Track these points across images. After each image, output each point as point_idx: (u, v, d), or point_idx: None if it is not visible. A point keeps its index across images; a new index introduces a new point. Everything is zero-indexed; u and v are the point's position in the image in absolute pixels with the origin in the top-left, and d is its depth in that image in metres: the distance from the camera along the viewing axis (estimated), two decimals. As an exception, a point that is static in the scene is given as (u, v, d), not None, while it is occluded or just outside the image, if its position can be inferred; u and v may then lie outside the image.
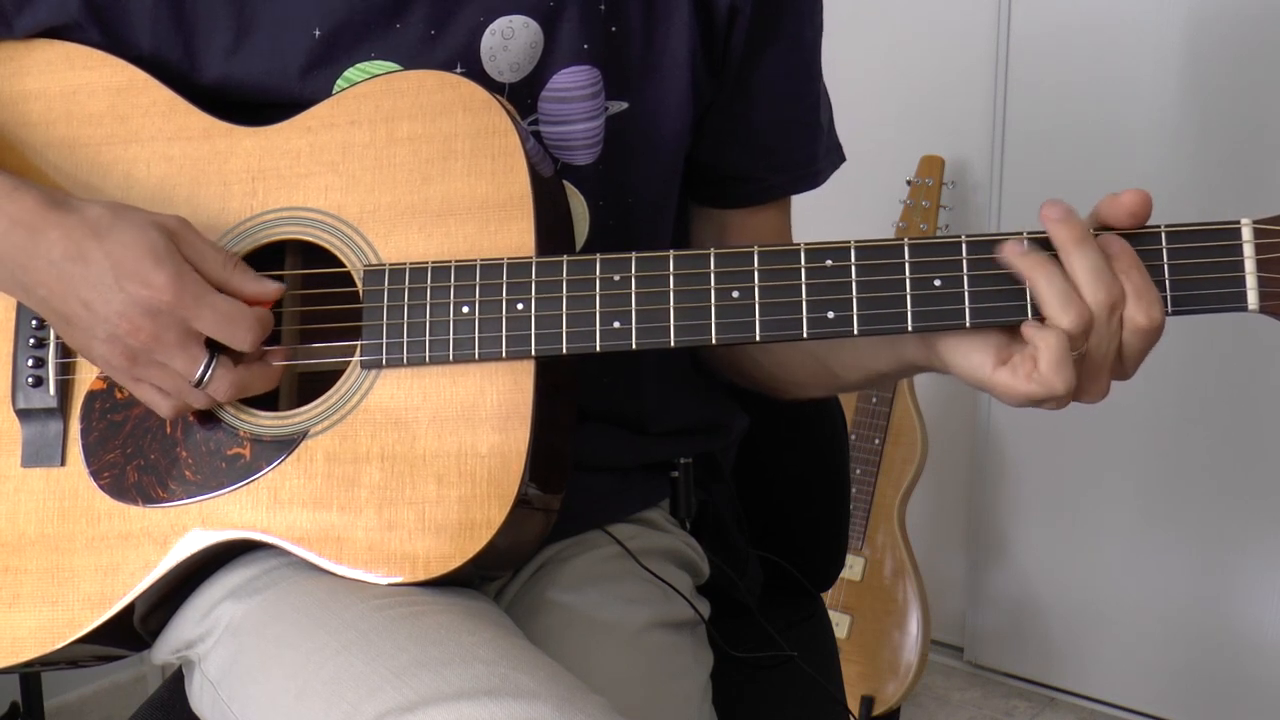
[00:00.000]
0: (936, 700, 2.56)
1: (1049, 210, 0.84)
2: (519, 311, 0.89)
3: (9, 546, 0.95)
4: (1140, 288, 0.83)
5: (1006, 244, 0.85)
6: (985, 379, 0.87)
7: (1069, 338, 0.83)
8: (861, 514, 2.34)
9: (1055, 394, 0.84)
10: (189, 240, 0.90)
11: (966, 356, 0.88)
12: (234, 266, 0.91)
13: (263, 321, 0.91)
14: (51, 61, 1.00)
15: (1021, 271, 0.84)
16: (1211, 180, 2.20)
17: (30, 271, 0.90)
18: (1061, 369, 0.83)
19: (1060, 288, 0.83)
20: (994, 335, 0.87)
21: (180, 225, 0.91)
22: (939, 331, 0.89)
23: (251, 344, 0.90)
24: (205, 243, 0.91)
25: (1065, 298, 0.82)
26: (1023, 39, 2.37)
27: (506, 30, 0.98)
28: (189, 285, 0.88)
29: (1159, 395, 2.29)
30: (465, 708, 0.76)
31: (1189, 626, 2.36)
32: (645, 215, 1.07)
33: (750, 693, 1.15)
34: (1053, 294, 0.83)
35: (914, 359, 0.94)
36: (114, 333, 0.88)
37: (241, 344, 0.89)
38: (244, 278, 0.91)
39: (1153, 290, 0.83)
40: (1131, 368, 0.86)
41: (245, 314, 0.89)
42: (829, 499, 1.37)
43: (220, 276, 0.90)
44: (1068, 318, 0.82)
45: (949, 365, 0.90)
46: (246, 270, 0.92)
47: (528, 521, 0.92)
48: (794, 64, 1.08)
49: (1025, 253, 0.84)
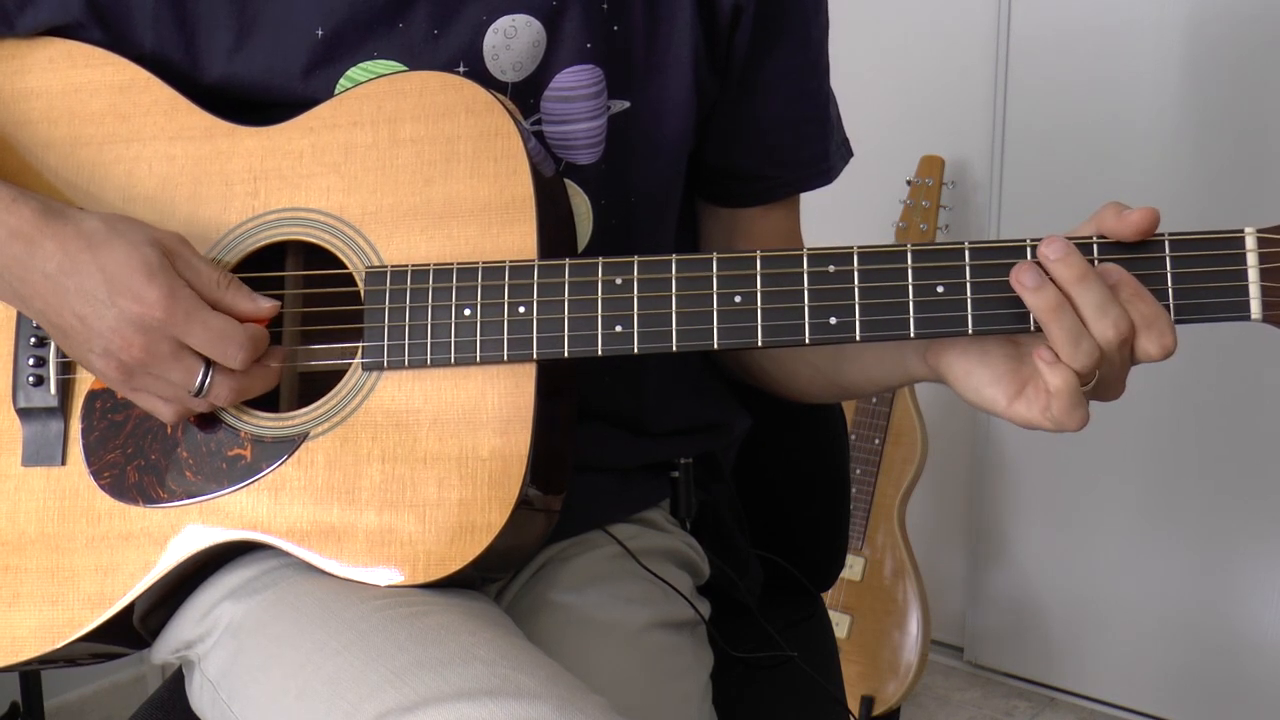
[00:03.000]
0: (936, 700, 2.56)
1: (1047, 250, 0.83)
2: (521, 314, 0.89)
3: (9, 545, 0.95)
4: (1149, 317, 0.82)
5: (1016, 271, 0.84)
6: (1001, 413, 0.88)
7: (1079, 376, 0.83)
8: (861, 514, 2.34)
9: (1067, 430, 0.84)
10: (183, 257, 0.90)
11: (979, 391, 0.89)
12: (228, 285, 0.91)
13: (255, 339, 0.90)
14: (53, 60, 0.99)
15: (1031, 309, 0.83)
16: (1211, 180, 2.20)
17: (27, 284, 0.90)
18: (1075, 410, 0.83)
19: (1070, 327, 0.82)
20: (1002, 362, 0.87)
21: (176, 242, 0.90)
22: (943, 339, 0.89)
23: (243, 362, 0.89)
24: (200, 260, 0.91)
25: (1076, 338, 0.82)
26: (1023, 39, 2.37)
27: (509, 29, 0.98)
28: (181, 302, 0.88)
29: (1159, 396, 2.29)
30: (465, 708, 0.76)
31: (1189, 626, 2.37)
32: (648, 215, 1.07)
33: (750, 693, 1.15)
34: (1063, 335, 0.82)
35: (919, 374, 0.95)
36: (108, 347, 0.88)
37: (232, 361, 0.89)
38: (238, 295, 0.91)
39: (1162, 317, 0.83)
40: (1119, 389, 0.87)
41: (237, 332, 0.89)
42: (829, 499, 1.37)
43: (214, 295, 0.90)
44: (1079, 359, 0.82)
45: (958, 393, 0.90)
46: (241, 288, 0.91)
47: (528, 523, 0.92)
48: (800, 62, 1.08)
49: (1036, 288, 0.83)
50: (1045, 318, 0.82)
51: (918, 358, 0.94)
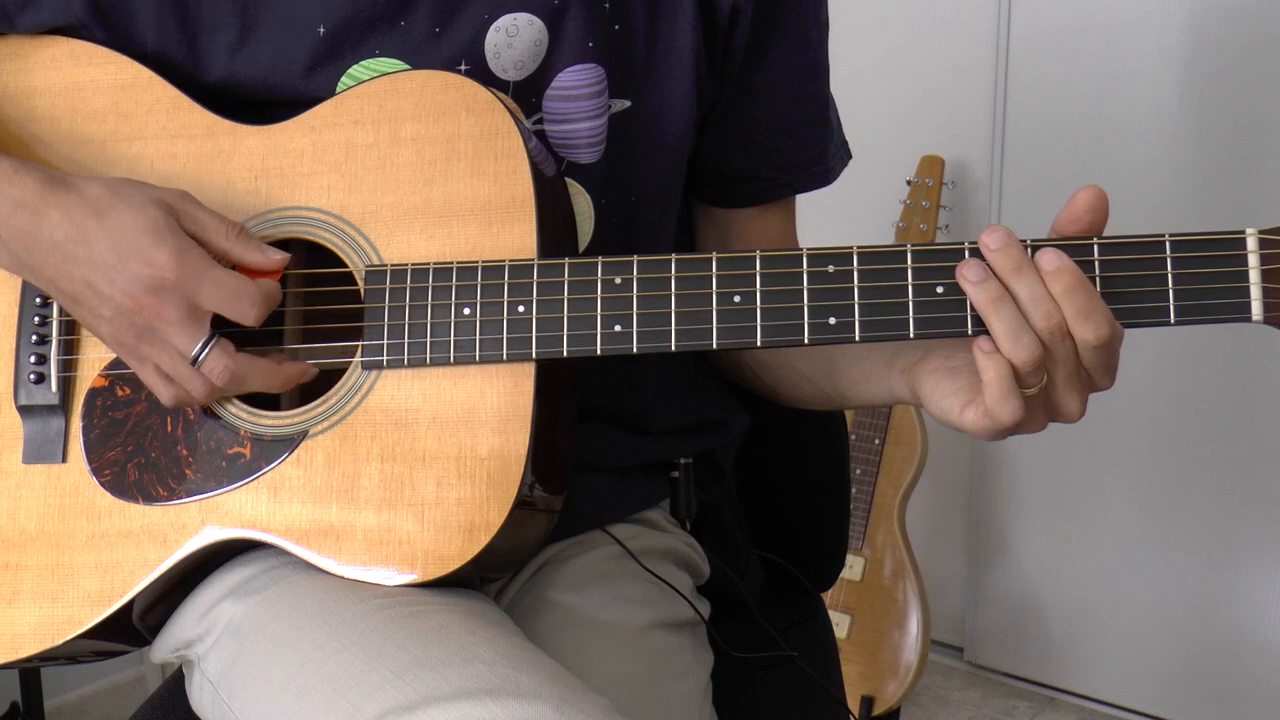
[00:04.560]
0: (936, 700, 2.56)
1: (987, 239, 0.83)
2: (520, 314, 0.89)
3: (10, 543, 0.95)
4: (1084, 307, 0.81)
5: (961, 265, 0.84)
6: (954, 420, 0.87)
7: (1015, 369, 0.82)
8: (861, 514, 2.34)
9: (1002, 425, 0.83)
10: (189, 213, 0.90)
11: (939, 403, 0.88)
12: (236, 235, 0.91)
13: (268, 295, 0.90)
14: (56, 58, 1.00)
15: (972, 302, 0.83)
16: (1211, 180, 2.20)
17: (35, 253, 0.90)
18: (1006, 401, 0.82)
19: (1009, 319, 0.82)
20: (964, 377, 0.87)
21: (180, 199, 0.91)
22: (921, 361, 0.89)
23: (256, 319, 0.89)
24: (206, 213, 0.91)
25: (1016, 331, 0.81)
26: (1023, 39, 2.37)
27: (511, 28, 0.98)
28: (191, 261, 0.88)
29: (1159, 396, 2.29)
30: (465, 707, 0.76)
31: (1189, 626, 2.37)
32: (649, 214, 1.07)
33: (750, 693, 1.15)
34: (1003, 328, 0.82)
35: (902, 394, 0.94)
36: (119, 310, 0.88)
37: (246, 318, 0.89)
38: (247, 246, 0.91)
39: (1099, 307, 0.81)
40: (1105, 381, 0.85)
41: (249, 288, 0.89)
42: (829, 499, 1.37)
43: (223, 246, 0.90)
44: (1019, 353, 0.81)
45: (930, 413, 0.90)
46: (250, 238, 0.91)
47: (528, 523, 0.92)
48: (799, 64, 1.08)
49: (978, 282, 0.83)
50: (985, 310, 0.82)
51: (900, 378, 0.94)
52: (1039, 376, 0.83)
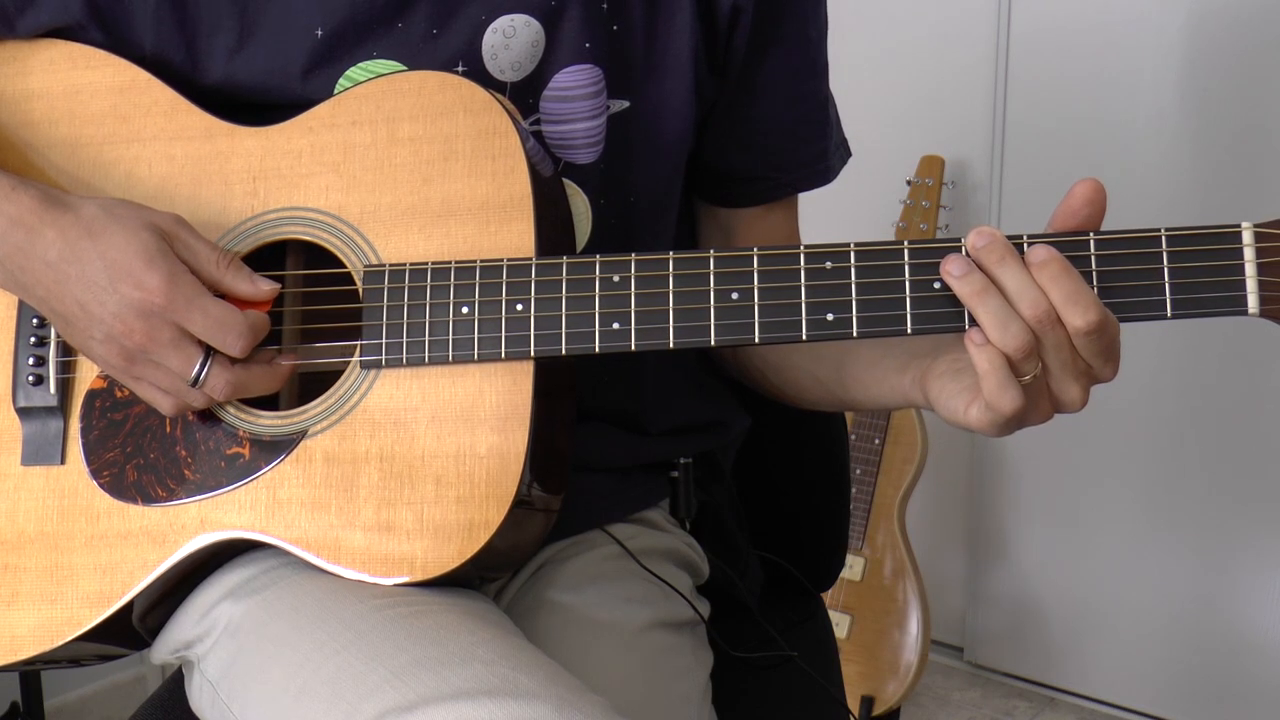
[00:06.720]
0: (936, 700, 2.56)
1: (973, 239, 0.83)
2: (518, 312, 0.89)
3: (8, 544, 0.95)
4: (1070, 293, 0.81)
5: (945, 261, 0.84)
6: (960, 419, 0.87)
7: (1007, 358, 0.82)
8: (861, 514, 2.34)
9: (1004, 416, 0.83)
10: (183, 240, 0.90)
11: (946, 403, 0.88)
12: (228, 265, 0.91)
13: (255, 327, 0.90)
14: (54, 61, 1.00)
15: (958, 295, 0.83)
16: (1211, 179, 2.20)
17: (28, 272, 0.90)
18: (1004, 391, 0.82)
19: (995, 310, 0.82)
20: (970, 376, 0.86)
21: (174, 224, 0.91)
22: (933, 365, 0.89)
23: (241, 350, 0.89)
24: (200, 241, 0.91)
25: (1004, 321, 0.82)
26: (1023, 39, 2.37)
27: (508, 29, 0.98)
28: (181, 288, 0.88)
29: (1158, 395, 2.29)
30: (464, 708, 0.76)
31: (1189, 626, 2.37)
32: (647, 214, 1.07)
33: (750, 693, 1.15)
34: (990, 319, 0.82)
35: (915, 398, 0.94)
36: (110, 333, 0.88)
37: (231, 349, 0.89)
38: (238, 277, 0.91)
39: (1085, 292, 0.82)
40: (1106, 371, 0.85)
41: (237, 320, 0.89)
42: (829, 499, 1.37)
43: (214, 275, 0.90)
44: (1008, 341, 0.82)
45: (940, 416, 0.90)
46: (241, 269, 0.92)
47: (527, 522, 0.92)
48: (799, 63, 1.08)
49: (961, 275, 0.83)
50: (970, 302, 0.83)
51: (913, 384, 0.94)
52: (1033, 364, 0.83)
